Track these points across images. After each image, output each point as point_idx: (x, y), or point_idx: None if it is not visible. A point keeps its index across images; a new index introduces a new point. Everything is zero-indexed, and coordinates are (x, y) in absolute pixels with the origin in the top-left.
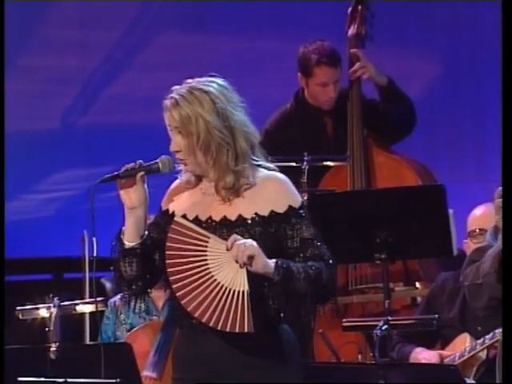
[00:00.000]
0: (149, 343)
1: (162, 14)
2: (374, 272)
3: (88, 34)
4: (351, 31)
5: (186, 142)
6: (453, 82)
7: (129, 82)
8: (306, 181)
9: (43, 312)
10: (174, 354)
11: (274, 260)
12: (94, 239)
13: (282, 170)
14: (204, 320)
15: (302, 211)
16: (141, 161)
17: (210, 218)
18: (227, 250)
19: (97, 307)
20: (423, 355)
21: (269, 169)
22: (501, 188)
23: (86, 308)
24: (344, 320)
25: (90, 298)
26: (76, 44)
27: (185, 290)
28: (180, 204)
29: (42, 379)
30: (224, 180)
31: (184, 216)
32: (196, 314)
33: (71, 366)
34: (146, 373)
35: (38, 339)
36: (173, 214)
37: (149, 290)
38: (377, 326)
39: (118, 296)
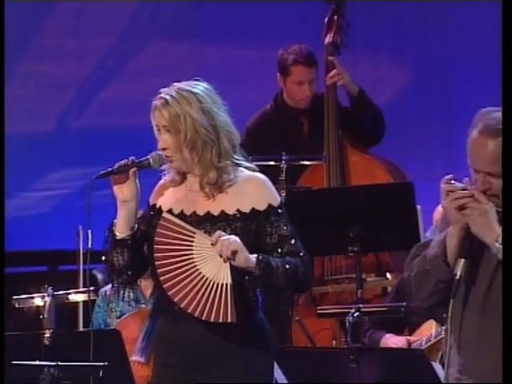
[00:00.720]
0: (137, 330)
1: (151, 24)
2: (348, 264)
3: (82, 42)
4: (328, 39)
5: (174, 140)
6: (422, 86)
7: (121, 87)
8: (284, 179)
9: (38, 301)
10: (157, 341)
11: (255, 255)
12: (90, 231)
13: (262, 168)
14: (189, 310)
15: (280, 210)
16: (133, 157)
17: (195, 212)
18: (212, 245)
19: (89, 296)
20: (392, 340)
21: (249, 169)
22: (449, 176)
23: (78, 297)
24: (318, 308)
25: (84, 288)
26: (71, 51)
27: (172, 282)
28: (166, 199)
29: (35, 362)
30: (208, 176)
31: (170, 210)
32: (182, 305)
33: (64, 351)
34: (135, 357)
35: (33, 326)
36: (160, 209)
37: (137, 279)
38: (349, 313)
39: (109, 286)
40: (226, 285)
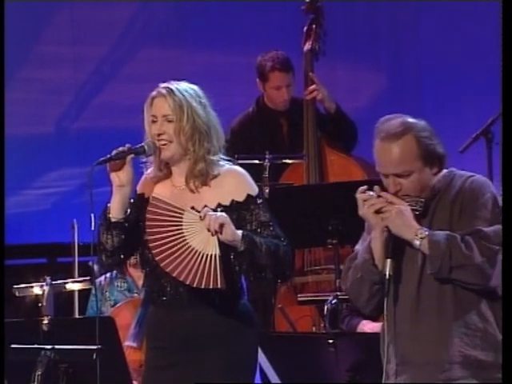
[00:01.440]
0: (130, 317)
1: (143, 33)
2: (327, 255)
3: (79, 49)
4: (307, 47)
5: (173, 128)
6: (396, 90)
7: (115, 91)
8: (267, 176)
9: (37, 290)
10: (149, 327)
11: (241, 231)
12: (92, 215)
13: (247, 166)
14: (181, 279)
15: (259, 199)
16: (128, 144)
17: None
18: (200, 218)
19: (84, 286)
20: (368, 326)
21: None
22: (363, 187)
23: (74, 286)
24: (299, 295)
25: (79, 277)
26: (68, 59)
27: (164, 255)
28: (153, 193)
29: (33, 346)
30: (197, 167)
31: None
32: (174, 274)
33: (61, 337)
34: (128, 343)
35: (33, 313)
36: (147, 199)
37: (124, 262)
38: (327, 300)
39: (103, 276)
40: (215, 255)
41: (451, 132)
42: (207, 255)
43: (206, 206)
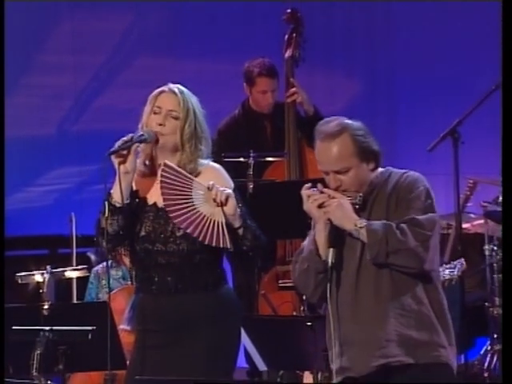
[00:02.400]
0: (125, 303)
1: (139, 42)
2: None
3: (78, 57)
4: (288, 54)
5: (176, 124)
6: (370, 95)
7: (112, 96)
8: (251, 173)
9: (38, 277)
10: (138, 311)
11: (240, 210)
12: (107, 204)
13: (233, 164)
14: (195, 235)
15: (234, 193)
16: (131, 134)
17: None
18: (208, 188)
19: (82, 273)
20: None
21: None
22: (308, 185)
23: (72, 274)
24: (280, 281)
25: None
26: (69, 66)
27: (177, 214)
28: (142, 190)
29: (32, 327)
30: (188, 166)
31: (144, 199)
32: (188, 231)
33: (60, 321)
34: (122, 326)
35: (34, 299)
36: (136, 192)
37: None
38: None
39: (100, 265)
40: (221, 222)
41: (421, 132)
42: (215, 221)
43: None
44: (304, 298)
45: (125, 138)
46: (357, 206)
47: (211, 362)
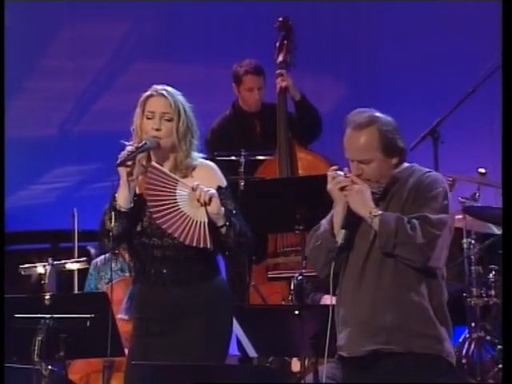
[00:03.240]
0: (123, 293)
1: (136, 47)
2: (295, 239)
3: (79, 62)
4: (279, 59)
5: (169, 126)
6: (355, 98)
7: (111, 99)
8: (243, 171)
9: (40, 269)
10: (136, 301)
11: (223, 208)
12: (113, 209)
13: (225, 162)
14: (176, 235)
15: (226, 190)
16: (135, 144)
17: None
18: (192, 189)
19: (82, 266)
20: (329, 300)
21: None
22: (334, 167)
23: (73, 266)
24: (269, 272)
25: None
26: (69, 70)
27: (160, 214)
28: (139, 188)
29: (33, 315)
30: (183, 162)
31: (141, 196)
32: (170, 231)
33: (61, 311)
34: (120, 315)
35: (37, 290)
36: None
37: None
38: (294, 276)
39: (100, 258)
40: (204, 222)
41: (402, 132)
42: (197, 221)
43: None
44: (292, 287)
45: (129, 149)
46: (376, 196)
47: (206, 349)
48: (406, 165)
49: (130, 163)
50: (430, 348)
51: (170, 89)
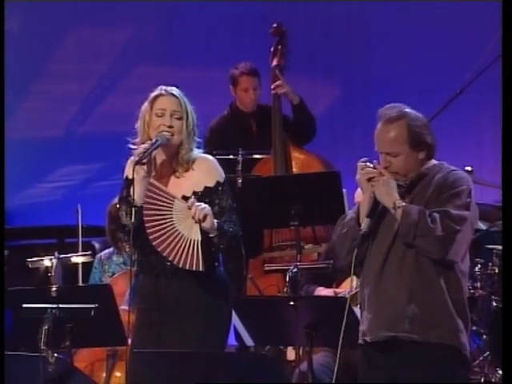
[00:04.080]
0: (125, 286)
1: (138, 52)
2: (290, 235)
3: (83, 66)
4: (274, 63)
5: (180, 123)
6: (348, 100)
7: (114, 101)
8: (240, 169)
9: (47, 262)
10: (139, 292)
11: (216, 221)
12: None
13: (223, 160)
14: (170, 259)
15: (224, 185)
16: (148, 142)
17: None
18: (188, 208)
19: (86, 259)
20: (323, 292)
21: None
22: (364, 158)
23: (78, 259)
24: (265, 265)
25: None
26: (75, 74)
27: (156, 235)
28: (151, 181)
29: (40, 305)
30: (186, 156)
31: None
32: (164, 253)
33: (67, 302)
34: (123, 307)
35: (44, 282)
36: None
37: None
38: (289, 269)
39: (103, 252)
40: (197, 241)
41: None
42: (191, 240)
43: (183, 195)
44: (287, 280)
45: (145, 146)
46: (403, 189)
47: (206, 339)
48: (434, 162)
49: (145, 160)
50: (445, 339)
51: (176, 89)
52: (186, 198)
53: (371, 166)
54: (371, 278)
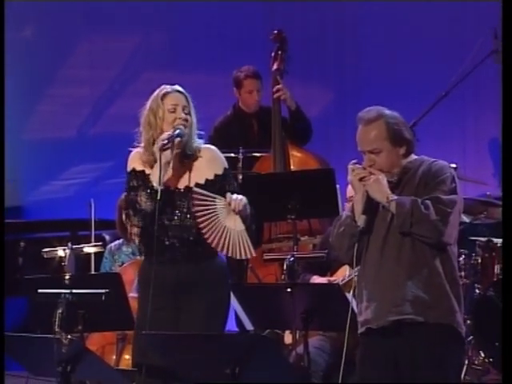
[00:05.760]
0: (134, 274)
1: (145, 59)
2: (287, 227)
3: (95, 72)
4: (274, 67)
5: (189, 118)
6: (341, 103)
7: (123, 105)
8: (241, 166)
9: (61, 253)
10: (144, 278)
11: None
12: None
13: (225, 158)
14: (229, 254)
15: (230, 171)
16: (169, 132)
17: (177, 187)
18: (228, 204)
19: (98, 249)
20: (318, 280)
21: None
22: (354, 160)
23: (90, 249)
24: (264, 254)
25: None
26: (86, 79)
27: (211, 238)
28: (153, 175)
29: (54, 291)
30: (192, 146)
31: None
32: (223, 252)
33: (79, 289)
34: (132, 294)
35: (58, 271)
36: (142, 172)
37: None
38: (286, 258)
39: (113, 243)
40: (242, 230)
41: None
42: (237, 231)
43: (196, 182)
44: (285, 268)
45: (169, 133)
46: (391, 185)
47: (208, 322)
48: (415, 156)
49: (169, 146)
50: (443, 318)
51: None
52: (199, 186)
53: (361, 167)
54: (370, 270)
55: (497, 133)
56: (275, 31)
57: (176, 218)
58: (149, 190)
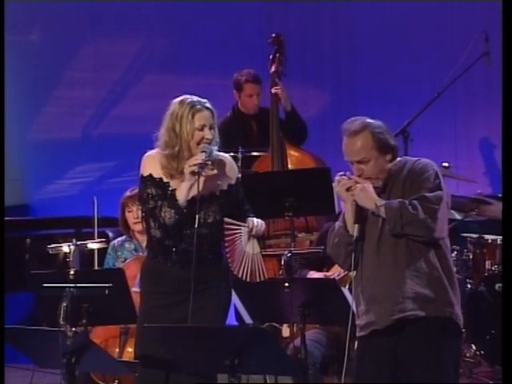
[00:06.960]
0: (136, 270)
1: (148, 62)
2: (285, 224)
3: (99, 74)
4: (272, 69)
5: (213, 132)
6: (337, 105)
7: (126, 106)
8: (240, 165)
9: (65, 249)
10: (151, 276)
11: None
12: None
13: None
14: (243, 277)
15: (239, 179)
16: (202, 154)
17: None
18: (249, 229)
19: (101, 245)
20: (314, 275)
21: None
22: (341, 172)
23: (94, 246)
24: (263, 250)
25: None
26: (91, 81)
27: (235, 265)
28: (175, 184)
29: (59, 285)
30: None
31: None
32: (239, 275)
33: (84, 283)
34: (135, 289)
35: (63, 266)
36: (160, 179)
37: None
38: (284, 254)
39: (117, 240)
40: (258, 253)
41: None
42: (253, 255)
43: (211, 192)
44: (282, 263)
45: (202, 159)
46: (378, 190)
47: (214, 318)
48: (398, 159)
49: (200, 171)
50: (441, 311)
51: (207, 101)
52: (214, 196)
53: (346, 177)
54: (368, 274)
55: (487, 133)
56: (273, 34)
57: (193, 227)
58: (173, 207)
